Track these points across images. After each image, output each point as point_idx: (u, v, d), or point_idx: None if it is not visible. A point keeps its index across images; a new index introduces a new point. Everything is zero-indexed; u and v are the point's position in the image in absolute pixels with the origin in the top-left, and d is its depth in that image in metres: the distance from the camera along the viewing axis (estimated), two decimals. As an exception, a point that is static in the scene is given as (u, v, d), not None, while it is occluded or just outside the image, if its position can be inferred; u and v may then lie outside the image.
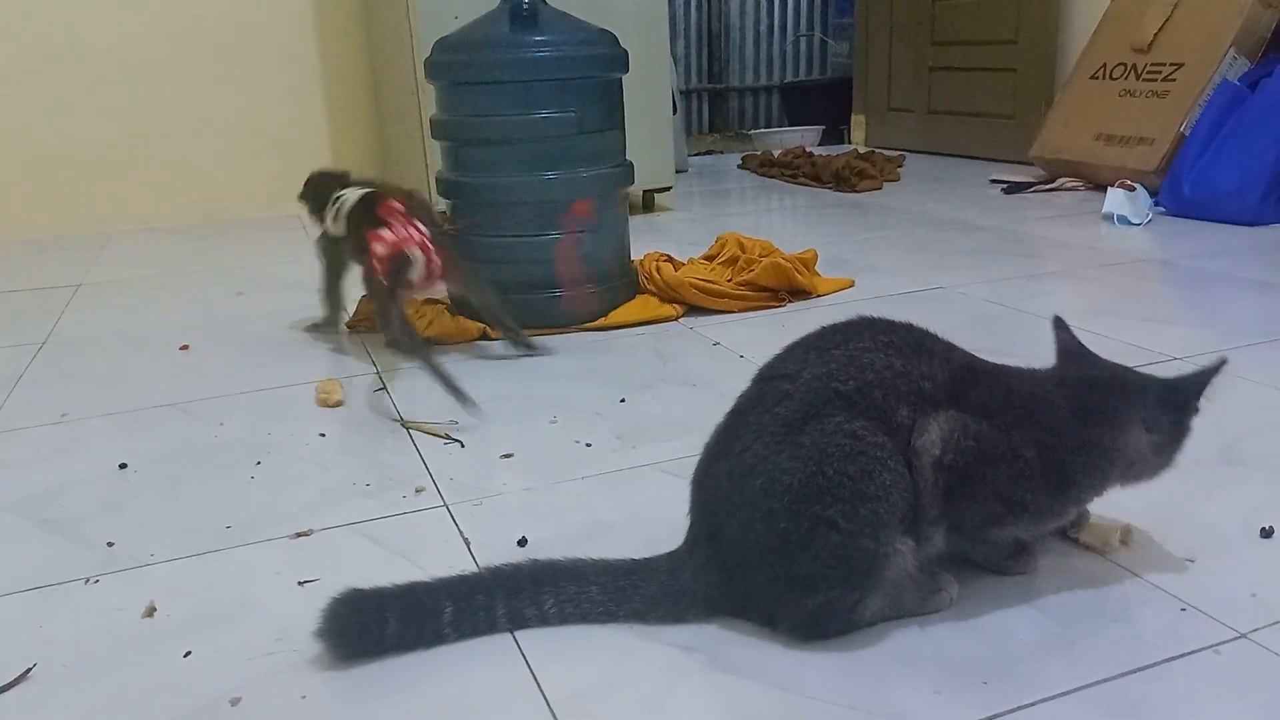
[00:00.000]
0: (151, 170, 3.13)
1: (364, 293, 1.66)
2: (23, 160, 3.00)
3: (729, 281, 1.86)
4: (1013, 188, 3.04)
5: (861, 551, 0.78)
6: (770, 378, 0.86)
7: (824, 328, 0.88)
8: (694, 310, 1.82)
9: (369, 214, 1.58)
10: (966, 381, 0.83)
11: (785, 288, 1.87)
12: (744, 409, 0.87)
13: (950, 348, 0.87)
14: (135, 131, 3.08)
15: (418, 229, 1.54)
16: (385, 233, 1.54)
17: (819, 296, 1.90)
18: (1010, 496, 0.82)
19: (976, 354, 0.89)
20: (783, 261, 1.87)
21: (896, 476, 0.79)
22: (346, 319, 1.80)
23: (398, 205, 1.57)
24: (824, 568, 0.79)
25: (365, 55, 3.26)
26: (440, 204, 1.86)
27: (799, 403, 0.81)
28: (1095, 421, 0.85)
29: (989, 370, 0.86)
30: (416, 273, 1.54)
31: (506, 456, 1.23)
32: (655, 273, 1.85)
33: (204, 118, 3.14)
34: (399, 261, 1.52)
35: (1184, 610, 0.84)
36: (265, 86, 3.19)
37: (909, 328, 0.86)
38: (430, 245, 1.55)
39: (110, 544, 1.04)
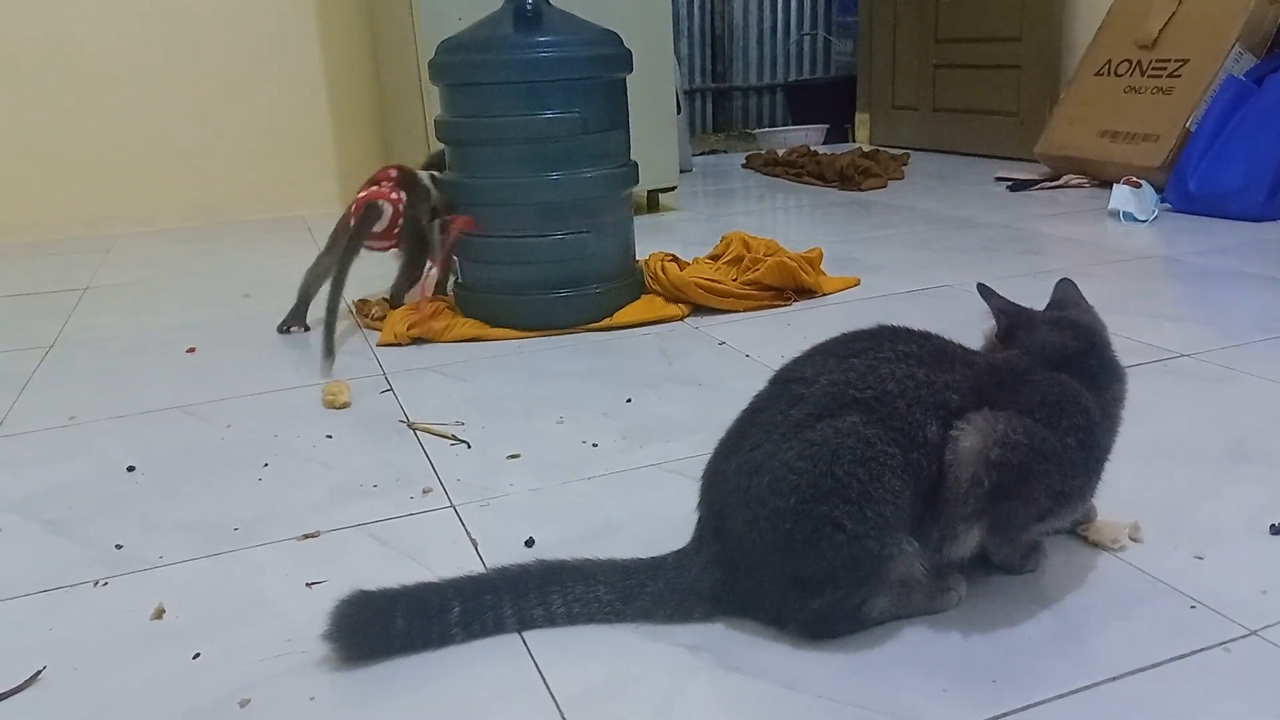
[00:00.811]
0: (156, 173, 3.13)
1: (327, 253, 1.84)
2: (28, 163, 3.01)
3: (734, 281, 1.86)
4: (1018, 185, 3.03)
5: (866, 553, 0.78)
6: (787, 380, 0.86)
7: (845, 334, 0.87)
8: (699, 310, 1.82)
9: (370, 178, 1.85)
10: (993, 383, 0.83)
11: (791, 287, 1.87)
12: (758, 408, 0.86)
13: (969, 352, 0.87)
14: (140, 134, 3.09)
15: (398, 194, 1.80)
16: (372, 187, 1.80)
17: (825, 295, 1.90)
18: (1060, 489, 0.82)
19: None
20: (788, 260, 1.87)
21: (904, 484, 0.78)
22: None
23: (392, 171, 1.84)
24: (829, 568, 0.79)
25: (369, 57, 3.26)
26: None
27: (813, 406, 0.81)
28: (1104, 389, 0.86)
29: (1012, 368, 0.85)
30: (381, 225, 1.77)
31: (513, 457, 1.23)
32: (660, 272, 1.84)
33: (209, 120, 3.15)
34: (369, 209, 1.76)
35: (1193, 608, 0.84)
36: (270, 89, 3.19)
37: (927, 336, 0.86)
38: (401, 210, 1.79)
39: (119, 546, 1.05)
